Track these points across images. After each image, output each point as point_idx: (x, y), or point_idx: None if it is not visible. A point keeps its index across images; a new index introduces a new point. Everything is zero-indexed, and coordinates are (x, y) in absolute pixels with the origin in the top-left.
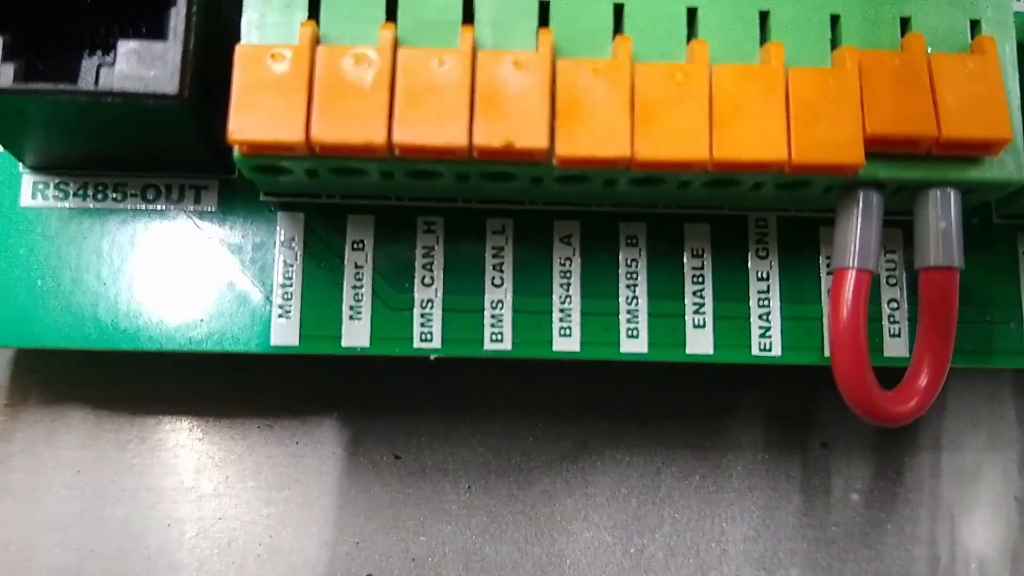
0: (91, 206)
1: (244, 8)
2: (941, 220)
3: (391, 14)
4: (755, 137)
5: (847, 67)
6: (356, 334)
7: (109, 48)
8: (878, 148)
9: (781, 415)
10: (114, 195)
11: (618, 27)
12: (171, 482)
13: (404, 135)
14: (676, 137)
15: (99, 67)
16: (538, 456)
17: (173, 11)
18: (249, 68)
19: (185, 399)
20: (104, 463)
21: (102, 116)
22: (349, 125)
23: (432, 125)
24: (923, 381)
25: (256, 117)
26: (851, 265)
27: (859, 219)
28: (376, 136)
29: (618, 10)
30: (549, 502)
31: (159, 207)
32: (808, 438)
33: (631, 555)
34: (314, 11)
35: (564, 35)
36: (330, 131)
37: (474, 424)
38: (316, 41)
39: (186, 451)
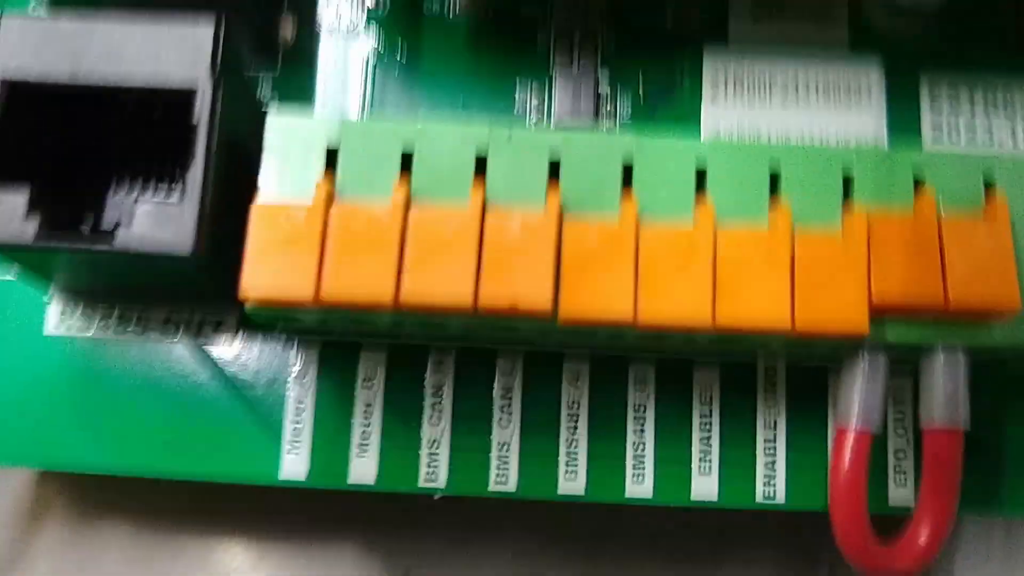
0: (113, 336)
1: (262, 163)
2: (947, 382)
3: (407, 164)
4: (758, 304)
5: (856, 236)
6: (363, 470)
7: (132, 183)
8: (885, 314)
9: (789, 549)
10: (136, 327)
11: (628, 180)
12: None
13: (411, 296)
14: (679, 302)
15: (117, 225)
16: None
17: (190, 172)
18: (264, 228)
19: (203, 511)
20: (121, 570)
21: (122, 264)
22: (358, 284)
23: (439, 285)
24: (923, 539)
25: (268, 275)
26: (853, 427)
27: (863, 380)
28: (384, 296)
29: (627, 167)
30: None
31: (179, 338)
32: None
33: None
34: (333, 161)
35: (574, 190)
36: (340, 291)
37: (485, 545)
38: (331, 199)
39: (202, 561)
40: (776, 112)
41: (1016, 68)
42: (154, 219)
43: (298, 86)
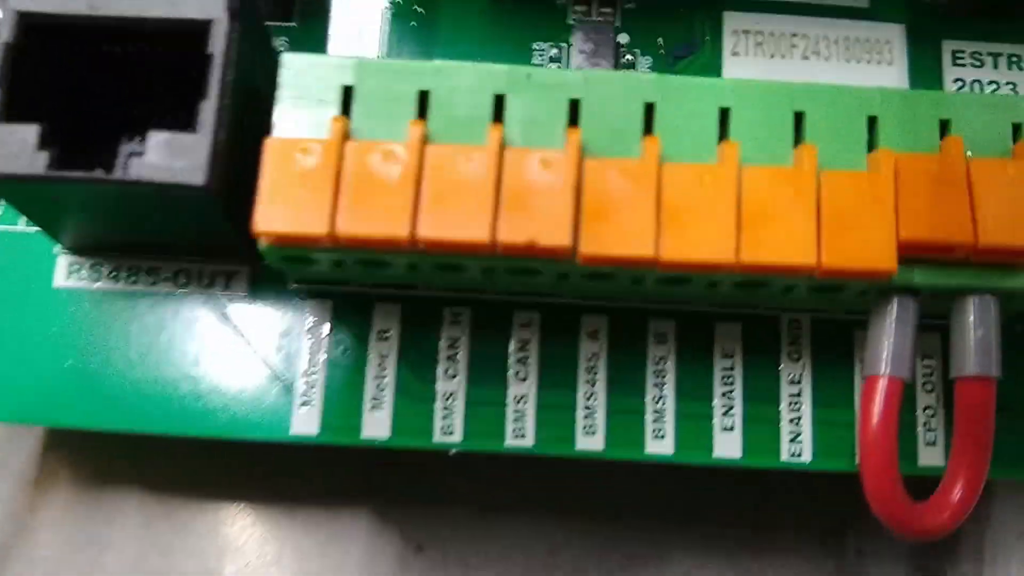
0: (123, 288)
1: (276, 102)
2: (978, 328)
3: (422, 111)
4: (784, 241)
5: (882, 171)
6: (377, 425)
7: (144, 134)
8: (913, 254)
9: (817, 519)
10: (147, 278)
11: (649, 126)
12: (194, 565)
13: (428, 230)
14: (702, 239)
15: (130, 155)
16: (564, 553)
17: (205, 103)
18: (278, 161)
19: (212, 482)
20: (129, 542)
21: (134, 203)
22: (374, 220)
23: (456, 221)
24: (957, 494)
25: (282, 210)
26: (883, 372)
27: (893, 325)
28: (400, 231)
29: (649, 109)
30: None
31: (189, 291)
32: (844, 544)
33: None
34: (347, 107)
35: (594, 134)
36: (355, 225)
37: (500, 518)
38: (346, 137)
39: (211, 534)
40: (797, 69)
41: None
42: (168, 149)
43: (313, 38)
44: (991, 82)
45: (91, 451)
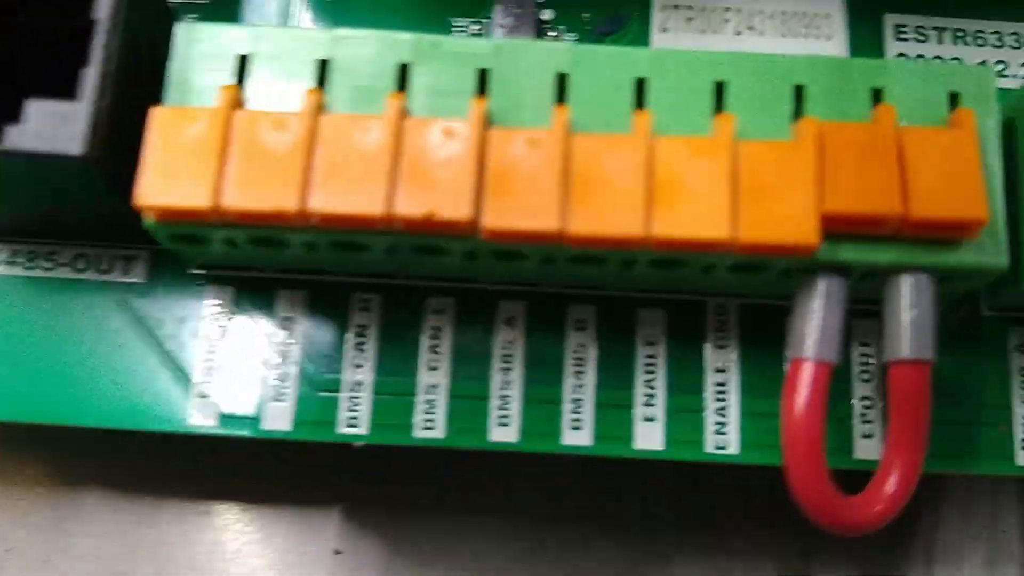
0: (20, 273)
1: (168, 71)
2: (912, 308)
3: (323, 81)
4: (699, 213)
5: (804, 140)
6: (278, 417)
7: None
8: (840, 228)
9: (758, 518)
10: (45, 263)
11: (561, 97)
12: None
13: (320, 202)
14: (611, 212)
15: (7, 125)
16: (489, 559)
17: (87, 70)
18: (163, 131)
19: (123, 479)
20: (35, 531)
21: (16, 178)
22: (262, 191)
23: (351, 193)
24: (891, 486)
25: (166, 182)
26: (809, 356)
27: (820, 305)
28: (290, 203)
29: (562, 80)
30: None
31: (88, 277)
32: (788, 545)
33: None
34: (244, 78)
35: (504, 105)
36: (241, 197)
37: (420, 520)
38: (238, 106)
39: (118, 533)
40: (729, 45)
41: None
42: (46, 118)
43: (223, 14)
44: (935, 57)
45: (63, 451)
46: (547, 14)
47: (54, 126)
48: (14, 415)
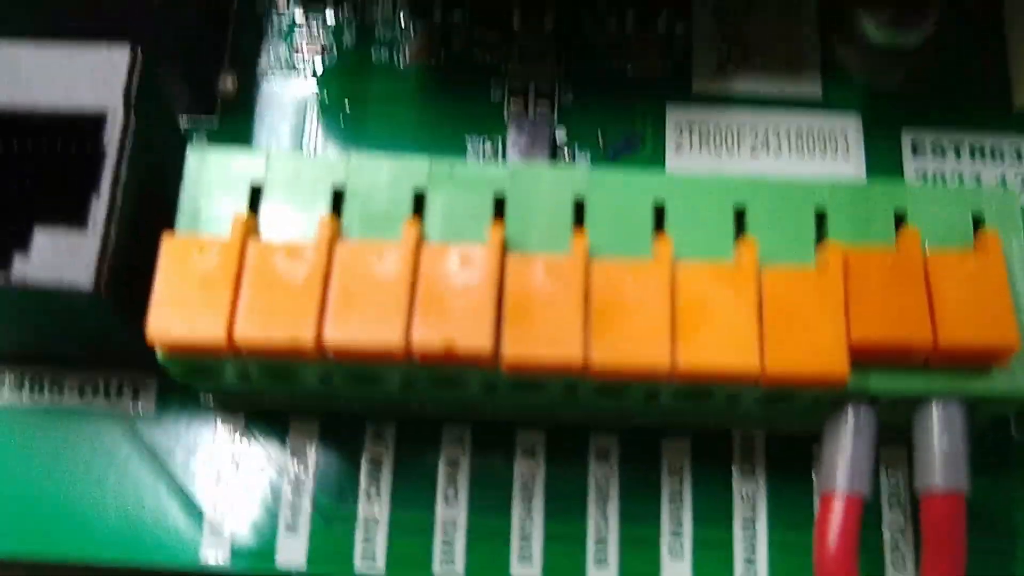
0: (26, 402)
1: (180, 198)
2: (944, 438)
3: (338, 208)
4: (725, 343)
5: (830, 267)
6: (292, 552)
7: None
8: (868, 358)
9: None
10: (51, 392)
11: (579, 222)
12: None
13: (336, 336)
14: (635, 342)
15: (14, 255)
16: None
17: (96, 200)
18: (175, 262)
19: None
20: None
21: (23, 307)
22: (276, 324)
23: (367, 325)
24: None
25: (178, 314)
26: (840, 490)
27: (849, 437)
28: (305, 336)
29: (579, 204)
30: None
31: (95, 406)
32: None
33: None
34: (257, 204)
35: (521, 231)
36: (255, 331)
37: None
38: (249, 234)
39: None
40: (746, 160)
41: (1002, 116)
42: (53, 250)
43: (237, 137)
44: (953, 172)
45: None
46: (560, 135)
47: (62, 257)
48: (19, 552)
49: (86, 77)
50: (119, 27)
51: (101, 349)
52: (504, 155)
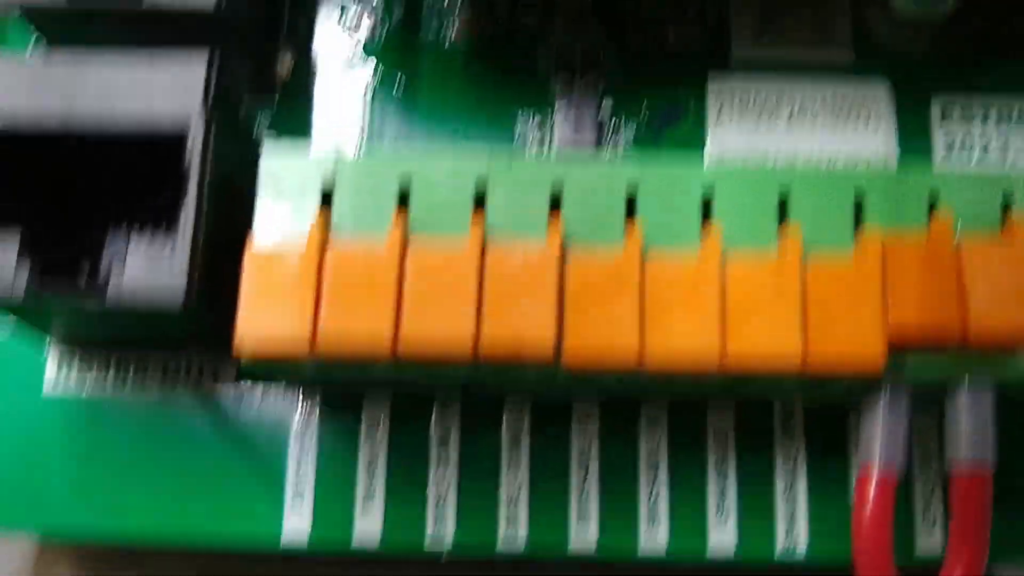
0: (111, 393)
1: (256, 206)
2: (974, 420)
3: (404, 200)
4: (769, 339)
5: (868, 260)
6: (367, 531)
7: (128, 234)
8: (902, 344)
9: None
10: (134, 377)
11: (631, 215)
12: None
13: (410, 345)
14: (686, 342)
15: (109, 275)
16: None
17: (181, 220)
18: (258, 276)
19: None
20: None
21: (117, 316)
22: (354, 335)
23: (438, 333)
24: None
25: (263, 327)
26: (876, 467)
27: (885, 418)
28: (382, 346)
29: (631, 199)
30: None
31: (176, 392)
32: None
33: None
34: (328, 202)
35: (576, 221)
36: (335, 342)
37: None
38: (325, 244)
39: None
40: (783, 133)
41: None
42: (144, 270)
43: (295, 121)
44: (982, 137)
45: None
46: (606, 108)
47: (152, 277)
48: (110, 537)
49: (165, 93)
50: (185, 27)
51: (186, 337)
52: (551, 129)
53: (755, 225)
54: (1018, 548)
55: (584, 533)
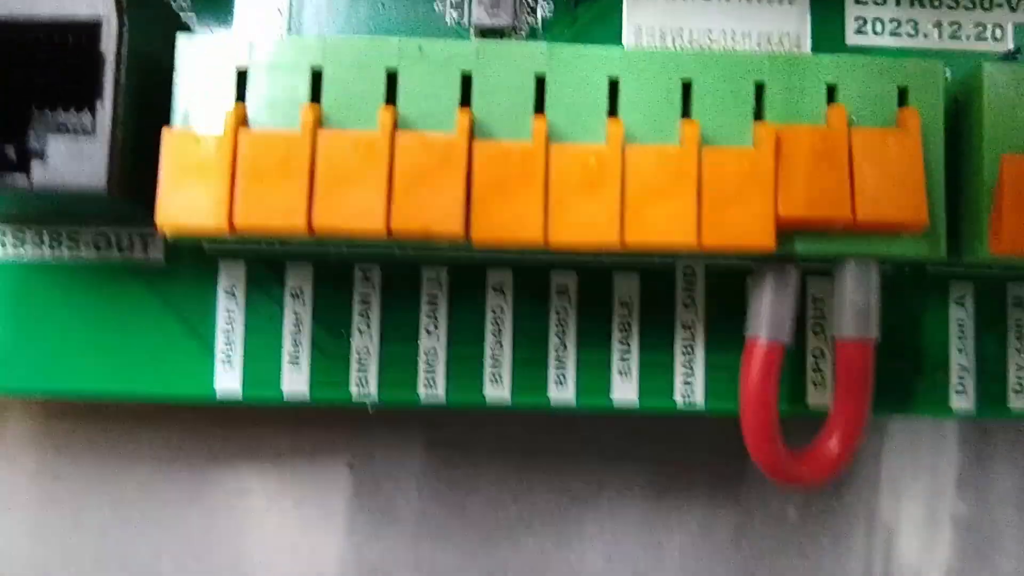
0: (46, 255)
1: (174, 87)
2: (857, 293)
3: (316, 86)
4: (666, 221)
5: (763, 147)
6: (295, 384)
7: (53, 119)
8: (794, 227)
9: (722, 429)
10: (68, 244)
11: (541, 97)
12: (141, 489)
13: (323, 223)
14: (588, 222)
15: (31, 159)
16: (486, 467)
17: (100, 107)
18: (176, 155)
19: (157, 412)
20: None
21: (44, 197)
22: (270, 212)
23: (351, 211)
24: (833, 448)
25: (182, 204)
26: (763, 338)
27: (772, 292)
28: (297, 224)
29: (541, 80)
30: (495, 510)
31: (109, 257)
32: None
33: (570, 562)
34: (243, 86)
35: (486, 109)
36: (252, 219)
37: (424, 436)
38: (240, 124)
39: (161, 455)
40: (699, 11)
41: None
42: (67, 155)
43: (218, 6)
44: (892, 20)
45: (48, 416)
46: None
47: (75, 162)
48: (49, 389)
49: None
50: None
51: (113, 217)
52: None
53: (659, 110)
54: (908, 400)
55: (499, 388)
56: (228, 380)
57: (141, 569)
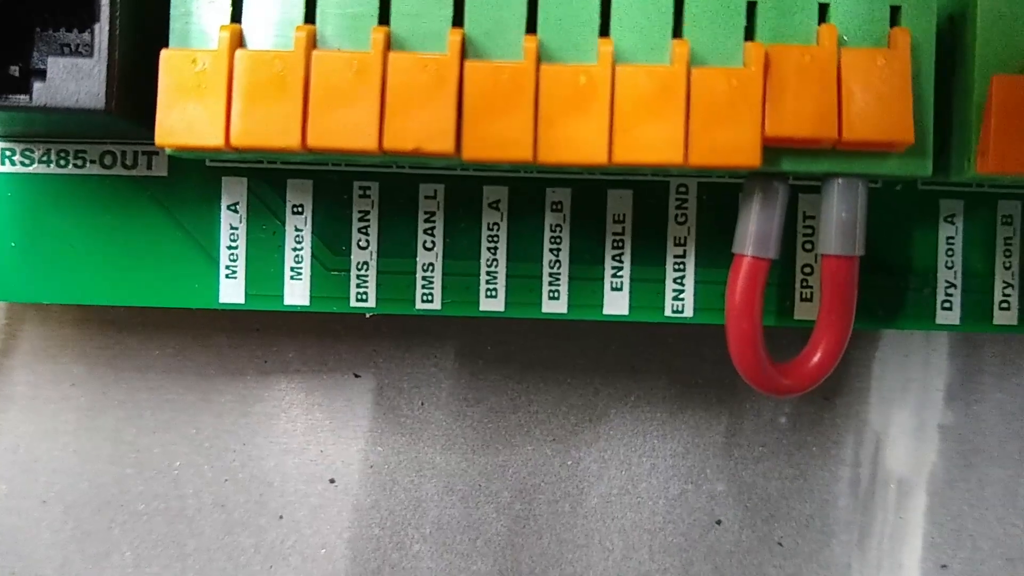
0: (54, 171)
1: (170, 17)
2: (844, 210)
3: (311, 16)
4: (654, 140)
5: (752, 67)
6: (296, 294)
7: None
8: (781, 145)
9: (715, 339)
10: (75, 161)
11: (532, 21)
12: (153, 393)
13: (317, 140)
14: (577, 140)
15: (32, 79)
16: (486, 377)
17: (98, 26)
18: (173, 73)
19: (167, 322)
20: (95, 376)
21: (46, 115)
22: (266, 130)
23: (344, 129)
24: (816, 360)
25: (180, 121)
26: (748, 253)
27: (759, 209)
28: (291, 141)
29: (532, 3)
30: (495, 418)
31: (115, 172)
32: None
33: (568, 466)
34: (237, 17)
35: (478, 31)
36: (248, 136)
37: (428, 347)
38: (236, 42)
39: (171, 362)
40: None
41: None
42: (67, 75)
43: None
44: None
45: (50, 318)
46: None
47: (75, 81)
48: (60, 298)
49: None
50: None
51: (118, 133)
52: None
53: (650, 29)
54: (896, 314)
55: (494, 298)
56: (232, 293)
57: (155, 472)
